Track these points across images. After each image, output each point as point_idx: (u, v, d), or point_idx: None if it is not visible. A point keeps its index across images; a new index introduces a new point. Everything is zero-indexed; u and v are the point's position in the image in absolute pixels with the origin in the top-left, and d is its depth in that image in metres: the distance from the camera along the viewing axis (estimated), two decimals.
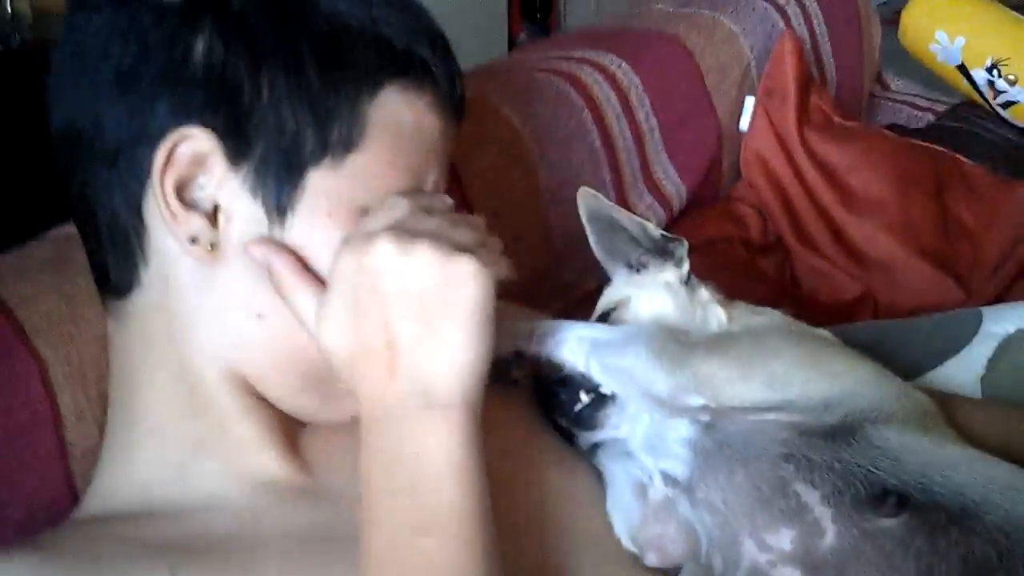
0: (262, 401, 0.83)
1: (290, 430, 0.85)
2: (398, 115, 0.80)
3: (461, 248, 0.72)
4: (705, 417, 0.84)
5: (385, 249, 0.72)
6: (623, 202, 1.43)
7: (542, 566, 0.83)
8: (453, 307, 0.72)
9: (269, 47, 0.77)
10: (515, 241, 1.29)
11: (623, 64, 1.47)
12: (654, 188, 1.48)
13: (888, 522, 0.75)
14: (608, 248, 1.02)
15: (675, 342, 0.86)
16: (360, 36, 0.79)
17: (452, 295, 0.71)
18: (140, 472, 0.82)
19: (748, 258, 1.58)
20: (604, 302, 0.99)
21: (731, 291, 1.03)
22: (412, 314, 0.71)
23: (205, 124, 0.75)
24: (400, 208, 0.76)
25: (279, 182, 0.77)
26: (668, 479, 0.86)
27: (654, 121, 1.48)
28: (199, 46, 0.76)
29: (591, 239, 1.02)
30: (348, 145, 0.78)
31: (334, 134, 0.77)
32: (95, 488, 0.85)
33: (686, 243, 0.99)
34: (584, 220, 1.01)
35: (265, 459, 0.83)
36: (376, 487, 0.72)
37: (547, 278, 1.32)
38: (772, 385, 0.83)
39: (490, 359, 0.74)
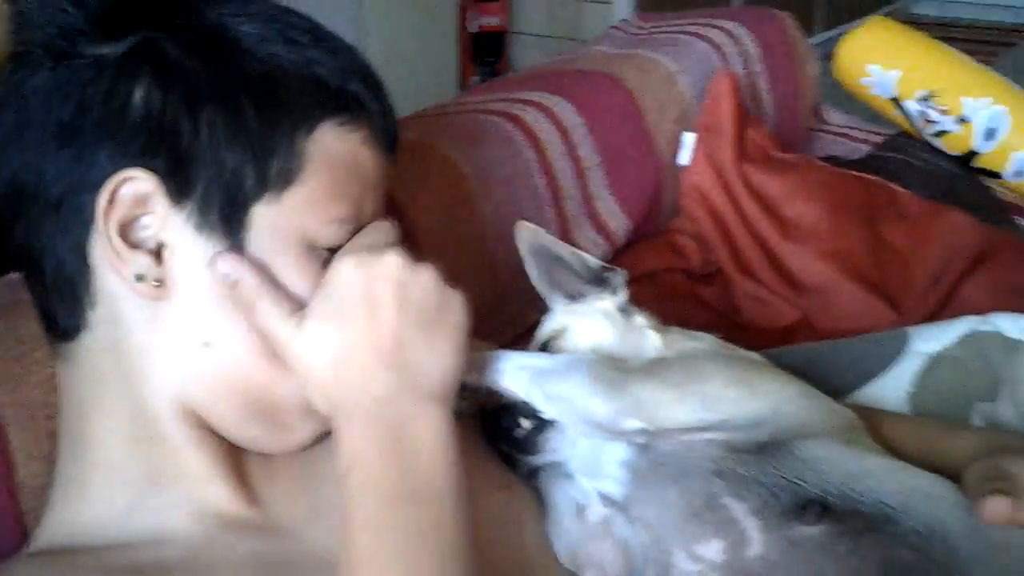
0: (211, 433, 0.85)
1: (239, 461, 0.87)
2: (334, 149, 0.84)
3: (451, 284, 0.82)
4: (641, 439, 0.88)
5: (395, 260, 0.79)
6: (567, 237, 1.47)
7: None
8: (446, 324, 0.80)
9: (206, 91, 0.80)
10: (461, 277, 1.32)
11: (566, 104, 1.52)
12: (597, 223, 1.52)
13: (811, 530, 0.79)
14: (548, 280, 1.06)
15: (612, 368, 0.89)
16: (294, 76, 0.83)
17: (445, 316, 0.80)
18: (91, 507, 0.84)
19: (689, 287, 1.62)
20: (543, 332, 1.03)
21: (673, 319, 1.06)
22: (414, 320, 0.78)
23: (146, 166, 0.78)
24: (389, 233, 0.85)
25: (223, 217, 0.80)
26: (605, 499, 0.89)
27: (596, 158, 1.52)
28: (137, 95, 0.79)
29: (531, 272, 1.06)
30: (288, 179, 0.81)
31: (273, 170, 0.81)
32: (46, 523, 0.86)
33: (622, 273, 1.03)
34: (523, 253, 1.05)
35: (215, 491, 0.85)
36: (367, 457, 0.76)
37: (492, 312, 1.35)
38: (705, 406, 0.87)
39: (460, 379, 0.82)
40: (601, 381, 0.88)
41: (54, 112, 0.79)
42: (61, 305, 0.84)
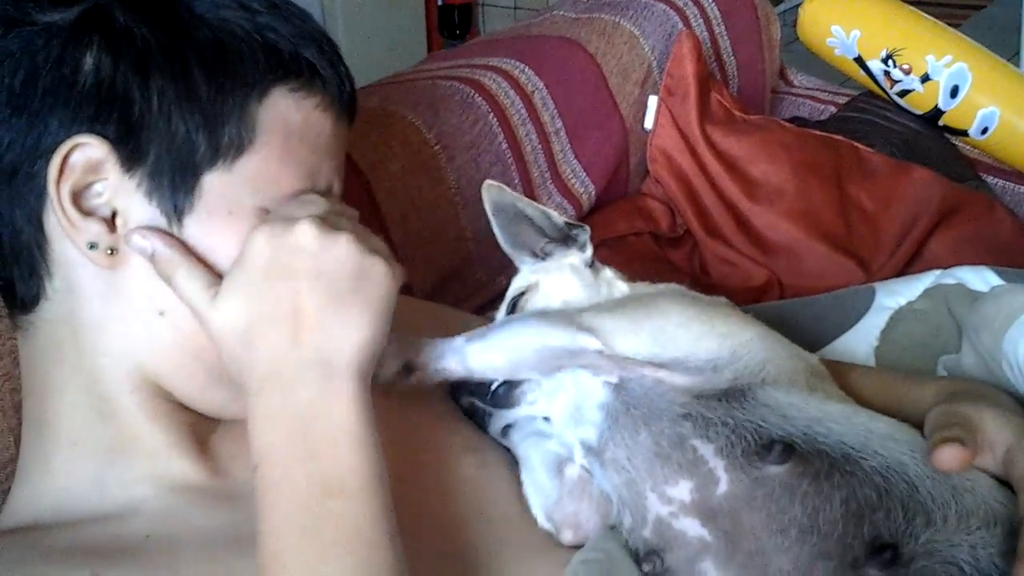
0: (173, 405, 0.85)
1: (202, 433, 0.87)
2: (288, 116, 0.83)
3: (375, 251, 0.78)
4: (613, 378, 0.88)
5: (308, 231, 0.76)
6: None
7: (460, 553, 0.85)
8: (363, 294, 0.77)
9: (156, 58, 0.79)
10: (427, 243, 1.32)
11: (526, 69, 1.51)
12: (563, 187, 1.52)
13: (775, 469, 0.79)
14: (514, 239, 1.06)
15: (563, 310, 0.90)
16: (246, 43, 0.82)
17: (364, 284, 0.77)
18: (57, 481, 0.84)
19: (658, 250, 1.63)
20: (513, 289, 1.03)
21: (646, 281, 1.07)
22: (324, 292, 0.76)
23: (97, 133, 0.78)
24: (318, 205, 0.81)
25: (174, 185, 0.80)
26: (586, 447, 0.89)
27: (559, 123, 1.52)
28: (88, 62, 0.78)
29: (496, 231, 1.06)
30: (240, 147, 0.81)
31: (225, 138, 0.80)
32: (13, 499, 0.86)
33: (588, 228, 1.03)
34: (489, 212, 1.05)
35: (178, 464, 0.85)
36: (276, 453, 0.74)
37: (459, 277, 1.36)
38: (659, 340, 0.88)
39: (384, 347, 0.79)
40: (552, 317, 0.89)
41: (5, 80, 0.79)
42: (19, 275, 0.83)
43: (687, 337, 0.88)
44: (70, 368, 0.84)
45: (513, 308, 1.02)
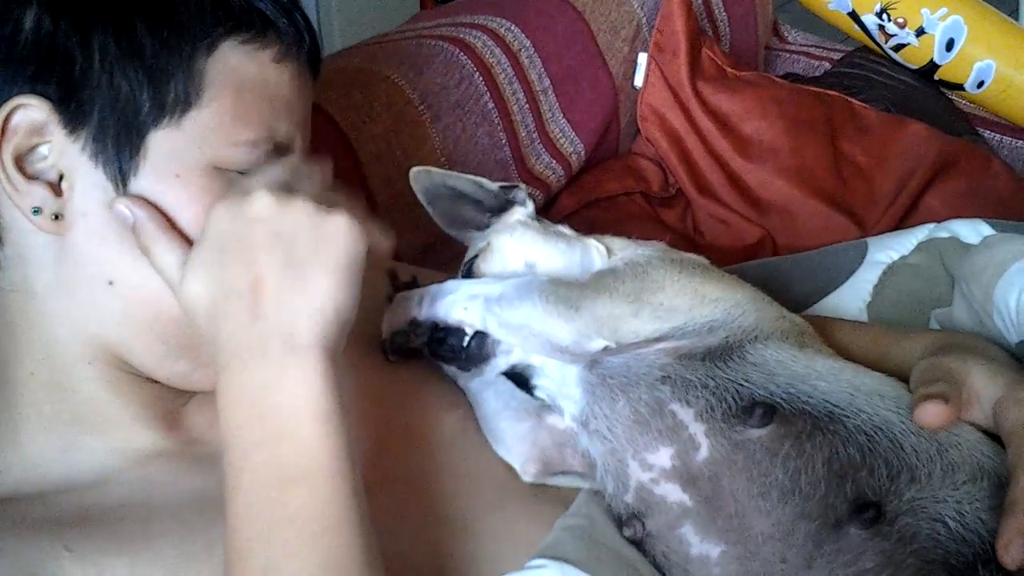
0: (135, 377, 0.84)
1: (171, 404, 0.86)
2: (239, 70, 0.81)
3: (336, 209, 0.74)
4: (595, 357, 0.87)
5: (262, 200, 0.74)
6: (522, 163, 1.45)
7: (443, 510, 0.85)
8: (323, 256, 0.73)
9: (98, 14, 0.77)
10: (413, 206, 1.30)
11: (512, 27, 1.49)
12: (551, 147, 1.50)
13: (757, 432, 0.78)
14: (454, 220, 1.04)
15: (564, 286, 0.88)
16: None
17: (323, 246, 0.74)
18: (26, 454, 0.83)
19: (650, 210, 1.61)
20: (467, 257, 1.01)
21: None
22: (281, 260, 0.73)
23: (38, 93, 0.76)
24: (276, 173, 0.78)
25: (119, 146, 0.78)
26: (571, 417, 0.88)
27: (547, 82, 1.50)
28: (28, 20, 0.77)
29: (434, 216, 1.04)
30: (187, 103, 0.79)
31: (170, 94, 0.78)
32: None
33: (523, 185, 1.02)
34: (423, 200, 1.03)
35: (144, 435, 0.84)
36: (239, 437, 0.72)
37: (447, 241, 1.33)
38: (659, 315, 0.86)
39: (354, 311, 0.76)
40: (555, 302, 0.86)
41: None
42: None
43: (685, 305, 0.87)
44: (25, 338, 0.82)
45: (468, 273, 0.99)
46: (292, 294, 0.73)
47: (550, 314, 0.85)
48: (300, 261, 0.73)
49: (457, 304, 0.89)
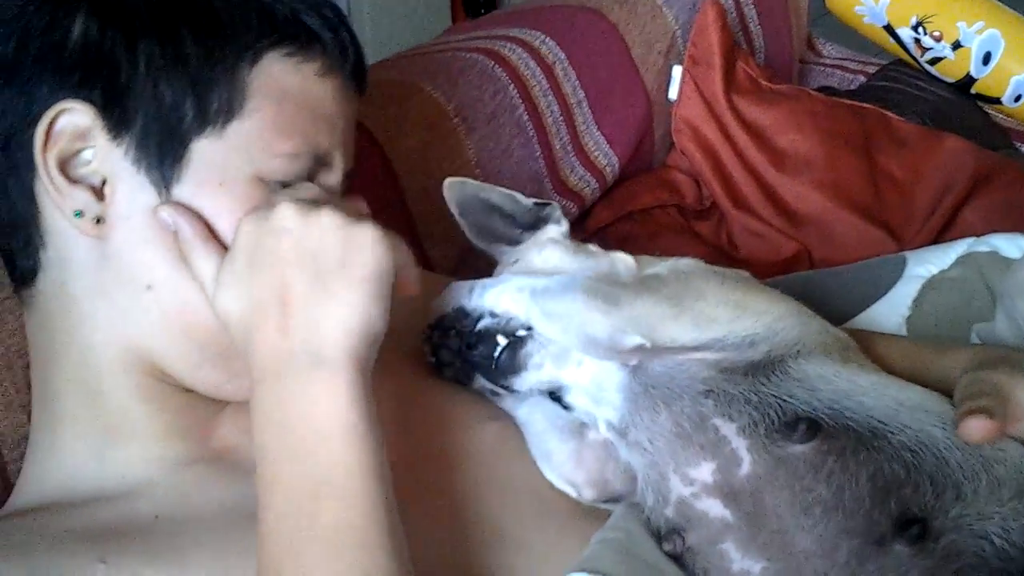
0: (169, 386, 0.84)
1: (205, 414, 0.86)
2: (282, 82, 0.81)
3: (363, 221, 0.75)
4: (634, 360, 0.86)
5: (287, 212, 0.74)
6: (555, 175, 1.45)
7: (479, 522, 0.84)
8: (350, 269, 0.73)
9: (145, 23, 0.78)
10: (447, 217, 1.30)
11: (547, 40, 1.49)
12: (585, 160, 1.49)
13: (800, 447, 0.77)
14: (485, 233, 1.04)
15: (607, 282, 0.87)
16: (239, 7, 0.81)
17: (350, 258, 0.74)
18: (63, 461, 0.83)
19: (684, 223, 1.60)
20: (498, 271, 1.00)
21: (670, 255, 1.04)
22: (307, 274, 0.73)
23: (83, 98, 0.77)
24: (308, 189, 0.79)
25: (162, 153, 0.78)
26: (608, 425, 0.87)
27: (581, 94, 1.49)
28: (76, 27, 0.78)
29: (466, 229, 1.04)
30: (229, 113, 0.79)
31: (214, 103, 0.79)
32: (23, 479, 0.86)
33: (557, 204, 1.01)
34: (455, 212, 1.03)
35: (177, 445, 0.84)
36: (270, 453, 0.73)
37: (481, 253, 1.34)
38: (699, 324, 0.85)
39: (384, 324, 0.75)
40: (597, 295, 0.85)
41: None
42: (17, 247, 0.83)
43: (726, 317, 0.85)
44: (64, 342, 0.83)
45: None
46: (319, 308, 0.73)
47: (590, 307, 0.84)
48: (327, 274, 0.73)
49: (506, 294, 0.89)
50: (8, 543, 0.78)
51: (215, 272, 0.76)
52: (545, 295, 0.87)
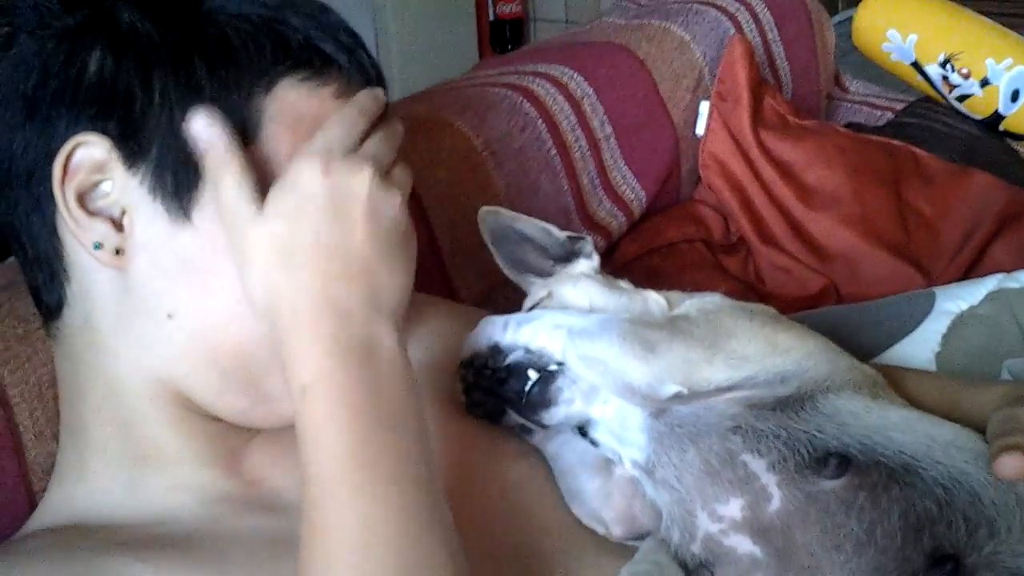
0: (196, 414, 0.84)
1: (233, 442, 0.86)
2: (297, 106, 0.82)
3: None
4: (667, 406, 0.85)
5: (369, 181, 0.76)
6: (583, 209, 1.45)
7: (511, 558, 0.84)
8: (408, 252, 0.80)
9: (160, 55, 0.79)
10: (475, 250, 1.30)
11: (575, 75, 1.50)
12: (613, 194, 1.50)
13: (831, 483, 0.76)
14: (516, 264, 1.04)
15: (643, 327, 0.87)
16: (252, 37, 0.81)
17: (410, 244, 0.80)
18: (92, 488, 0.84)
19: (711, 258, 1.60)
20: (527, 304, 1.00)
21: (697, 289, 1.04)
22: (379, 242, 0.76)
23: (99, 131, 0.78)
24: (378, 146, 0.81)
25: (177, 182, 0.79)
26: (635, 464, 0.87)
27: (609, 129, 1.50)
28: (93, 63, 0.79)
29: (497, 258, 1.04)
30: (245, 140, 0.79)
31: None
32: (47, 501, 0.86)
33: (590, 238, 1.01)
34: (487, 240, 1.03)
35: (205, 474, 0.84)
36: (333, 380, 0.72)
37: (509, 285, 1.34)
38: (732, 363, 0.85)
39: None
40: (632, 341, 0.85)
41: (20, 86, 0.80)
42: (42, 282, 0.84)
43: (758, 354, 0.85)
44: (92, 374, 0.83)
45: None
46: (386, 274, 0.77)
47: (626, 353, 0.84)
48: (394, 247, 0.77)
49: (542, 331, 0.89)
50: (44, 548, 0.79)
51: (248, 196, 0.76)
52: (583, 336, 0.87)
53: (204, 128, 0.77)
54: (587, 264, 1.00)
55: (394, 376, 0.74)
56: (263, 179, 0.78)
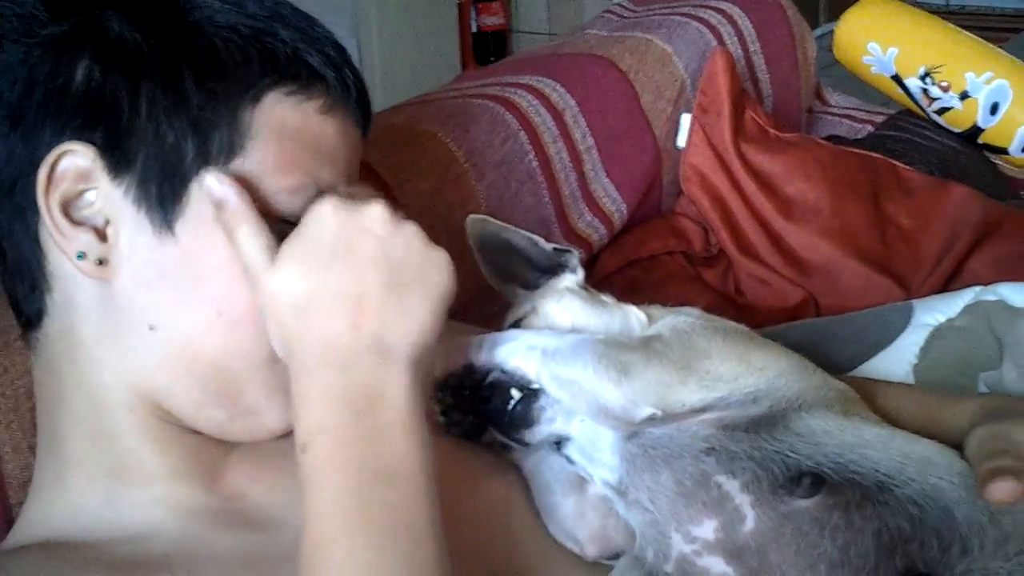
0: (176, 428, 0.84)
1: (213, 456, 0.86)
2: (283, 120, 0.82)
3: (438, 245, 0.78)
4: (648, 426, 0.85)
5: (378, 215, 0.76)
6: (564, 221, 1.46)
7: (484, 571, 0.84)
8: (426, 286, 0.76)
9: (147, 66, 0.79)
10: (456, 261, 1.30)
11: (558, 87, 1.50)
12: (594, 206, 1.50)
13: (804, 503, 0.77)
14: (501, 273, 1.04)
15: (616, 348, 0.87)
16: (240, 48, 0.82)
17: (427, 276, 0.77)
18: (70, 501, 0.83)
19: (691, 270, 1.61)
20: (511, 317, 1.00)
21: (675, 302, 1.04)
22: (388, 279, 0.75)
23: (84, 140, 0.78)
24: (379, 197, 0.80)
25: (162, 193, 0.79)
26: (605, 484, 0.87)
27: (591, 141, 1.50)
28: (79, 72, 0.79)
29: (482, 266, 1.04)
30: (231, 153, 0.80)
31: (215, 144, 0.79)
32: (25, 515, 0.86)
33: (576, 252, 1.01)
34: (473, 248, 1.03)
35: (183, 488, 0.84)
36: (332, 433, 0.73)
37: (490, 295, 1.34)
38: (705, 384, 0.85)
39: (435, 341, 0.78)
40: (607, 364, 0.85)
41: (5, 94, 0.79)
42: (22, 291, 0.83)
43: (730, 373, 0.86)
44: (72, 385, 0.83)
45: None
46: (395, 313, 0.75)
47: (600, 375, 0.84)
48: (405, 284, 0.75)
49: (517, 352, 0.89)
50: (27, 564, 0.79)
51: (263, 247, 0.76)
52: (556, 358, 0.87)
53: (215, 185, 0.78)
54: (572, 278, 1.00)
55: (396, 425, 0.73)
56: (249, 192, 0.79)
